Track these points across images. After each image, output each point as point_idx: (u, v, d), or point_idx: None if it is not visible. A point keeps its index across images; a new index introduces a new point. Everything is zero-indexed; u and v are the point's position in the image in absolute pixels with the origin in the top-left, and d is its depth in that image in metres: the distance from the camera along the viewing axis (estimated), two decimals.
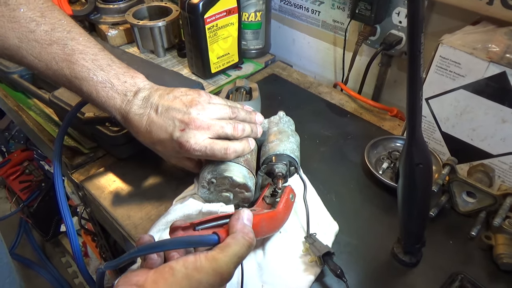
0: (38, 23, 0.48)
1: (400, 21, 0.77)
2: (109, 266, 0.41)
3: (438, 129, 0.65)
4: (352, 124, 0.79)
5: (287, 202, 0.52)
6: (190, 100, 0.53)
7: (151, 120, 0.52)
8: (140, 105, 0.52)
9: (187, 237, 0.40)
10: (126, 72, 0.53)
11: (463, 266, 0.54)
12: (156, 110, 0.52)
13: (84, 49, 0.50)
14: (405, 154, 0.43)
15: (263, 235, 0.49)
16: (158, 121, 0.52)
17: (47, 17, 0.48)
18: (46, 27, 0.48)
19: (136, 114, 0.52)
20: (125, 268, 0.43)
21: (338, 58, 0.97)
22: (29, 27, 0.47)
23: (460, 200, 0.59)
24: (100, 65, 0.51)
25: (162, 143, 0.53)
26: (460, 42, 0.59)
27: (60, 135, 0.58)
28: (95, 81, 0.50)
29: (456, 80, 0.60)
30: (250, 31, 0.95)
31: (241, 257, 0.38)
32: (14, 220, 1.60)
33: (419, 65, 0.37)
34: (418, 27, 0.35)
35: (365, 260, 0.54)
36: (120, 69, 0.53)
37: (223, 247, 0.37)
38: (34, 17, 0.47)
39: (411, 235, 0.50)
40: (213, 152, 0.53)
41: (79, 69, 0.50)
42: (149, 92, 0.53)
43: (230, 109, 0.56)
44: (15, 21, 0.46)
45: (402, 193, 0.46)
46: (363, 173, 0.67)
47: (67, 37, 0.49)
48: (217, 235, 0.38)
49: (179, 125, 0.51)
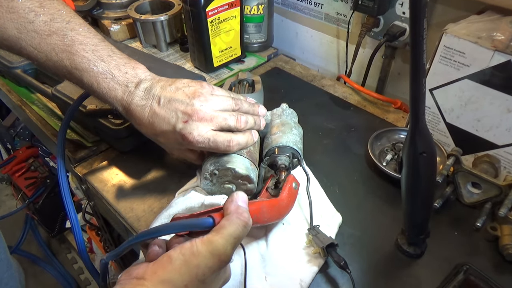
0: (37, 14, 0.47)
1: (404, 11, 0.77)
2: (110, 256, 0.41)
3: (443, 120, 0.65)
4: (355, 117, 0.78)
5: (290, 190, 0.52)
6: (193, 92, 0.53)
7: (154, 111, 0.51)
8: (142, 96, 0.52)
9: (182, 221, 0.40)
10: (127, 63, 0.53)
11: (468, 257, 0.53)
12: (159, 101, 0.52)
13: (84, 39, 0.50)
14: (409, 143, 0.42)
15: (265, 222, 0.49)
16: (161, 112, 0.51)
17: (46, 7, 0.48)
18: (45, 18, 0.48)
19: (138, 105, 0.52)
20: (129, 263, 0.43)
21: (341, 51, 0.96)
22: (28, 17, 0.47)
23: (465, 191, 0.59)
24: (100, 55, 0.50)
25: (164, 134, 0.53)
26: (464, 31, 0.58)
27: (63, 129, 0.58)
28: (96, 72, 0.50)
29: (460, 70, 0.59)
30: (253, 24, 0.95)
31: (237, 237, 0.38)
32: (20, 217, 1.61)
33: (422, 52, 0.36)
34: (421, 12, 0.34)
35: (369, 252, 0.54)
36: (121, 60, 0.52)
37: (218, 229, 0.38)
38: (32, 7, 0.47)
39: (415, 225, 0.50)
40: (216, 144, 0.52)
41: (79, 60, 0.49)
42: (150, 83, 0.53)
43: (233, 100, 0.55)
44: (14, 12, 0.46)
45: (405, 182, 0.45)
46: (367, 165, 0.67)
47: (67, 28, 0.49)
48: (212, 218, 0.39)
49: (182, 117, 0.51)
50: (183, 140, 0.52)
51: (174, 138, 0.53)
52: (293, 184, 0.53)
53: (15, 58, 0.82)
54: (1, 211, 1.75)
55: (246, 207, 0.41)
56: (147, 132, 0.54)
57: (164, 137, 0.54)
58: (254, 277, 0.50)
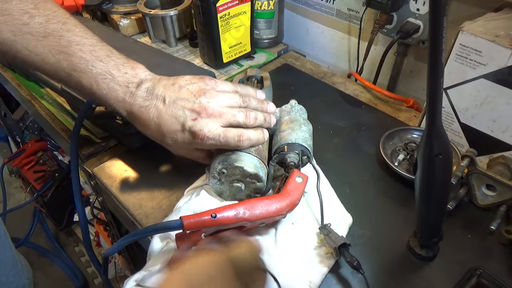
0: (31, 15, 0.46)
1: (418, 8, 0.75)
2: (109, 252, 0.48)
3: (457, 120, 0.63)
4: (366, 115, 0.77)
5: (294, 184, 0.51)
6: (197, 89, 0.52)
7: (159, 112, 0.50)
8: (144, 97, 0.51)
9: (157, 224, 0.46)
10: (126, 63, 0.51)
11: (481, 261, 0.52)
12: (164, 101, 0.50)
13: (81, 40, 0.49)
14: (424, 144, 0.41)
15: (270, 217, 0.48)
16: (168, 112, 0.50)
17: (40, 8, 0.47)
18: (40, 19, 0.47)
19: (142, 106, 0.50)
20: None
21: (353, 47, 0.95)
22: (22, 19, 0.46)
23: (479, 193, 0.57)
24: (98, 56, 0.49)
25: (172, 135, 0.52)
26: (481, 29, 0.56)
27: (76, 129, 0.57)
28: (94, 72, 0.49)
29: (476, 69, 0.57)
30: (263, 20, 0.94)
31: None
32: (28, 209, 1.63)
33: (440, 51, 0.35)
34: (441, 10, 0.33)
35: (380, 253, 0.53)
36: (119, 60, 0.51)
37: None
38: (27, 9, 0.46)
39: (428, 228, 0.49)
40: (227, 140, 0.51)
41: (77, 61, 0.48)
42: (152, 83, 0.52)
43: (240, 98, 0.54)
44: (8, 14, 0.45)
45: (420, 185, 0.44)
46: (378, 165, 0.66)
47: (63, 29, 0.48)
48: (180, 219, 0.43)
49: (190, 115, 0.50)
50: (194, 138, 0.51)
51: (182, 138, 0.52)
52: (296, 178, 0.52)
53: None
54: (10, 203, 1.76)
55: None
56: (153, 134, 0.53)
57: (172, 138, 0.52)
58: None
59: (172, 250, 0.51)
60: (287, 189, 0.51)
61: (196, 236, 0.47)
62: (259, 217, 0.48)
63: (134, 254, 0.97)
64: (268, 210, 0.48)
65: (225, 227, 0.47)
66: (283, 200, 0.50)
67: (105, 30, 0.91)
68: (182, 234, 0.48)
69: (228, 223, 0.46)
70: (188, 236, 0.47)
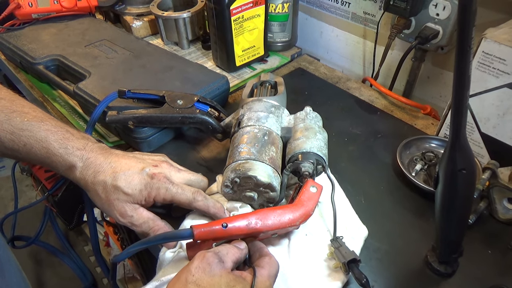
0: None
1: (438, 13, 0.73)
2: (118, 258, 0.48)
3: (477, 130, 0.61)
4: (382, 122, 0.75)
5: (308, 194, 0.50)
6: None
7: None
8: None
9: (166, 233, 0.49)
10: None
11: (502, 278, 0.50)
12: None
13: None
14: (447, 158, 0.39)
15: (283, 227, 0.47)
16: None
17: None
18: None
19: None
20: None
21: (368, 52, 0.93)
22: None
23: (500, 207, 0.55)
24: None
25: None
26: (505, 36, 0.54)
27: (88, 133, 0.58)
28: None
29: (499, 78, 0.55)
30: (277, 23, 0.92)
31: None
32: (39, 208, 1.63)
33: (468, 62, 0.33)
34: (470, 20, 0.31)
35: (396, 267, 0.51)
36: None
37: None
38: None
39: (448, 244, 0.47)
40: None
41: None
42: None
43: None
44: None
45: (441, 200, 0.42)
46: (394, 174, 0.64)
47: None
48: (191, 228, 0.44)
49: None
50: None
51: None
52: (310, 188, 0.51)
53: (37, 54, 0.82)
54: (21, 201, 1.77)
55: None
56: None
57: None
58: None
59: (183, 259, 0.50)
60: (301, 199, 0.49)
61: (207, 246, 0.46)
62: (271, 228, 0.47)
63: (143, 258, 0.96)
64: (280, 221, 0.47)
65: (236, 237, 0.46)
66: (297, 210, 0.48)
67: (117, 32, 0.91)
68: (193, 243, 0.47)
69: (240, 233, 0.45)
70: (200, 246, 0.46)
